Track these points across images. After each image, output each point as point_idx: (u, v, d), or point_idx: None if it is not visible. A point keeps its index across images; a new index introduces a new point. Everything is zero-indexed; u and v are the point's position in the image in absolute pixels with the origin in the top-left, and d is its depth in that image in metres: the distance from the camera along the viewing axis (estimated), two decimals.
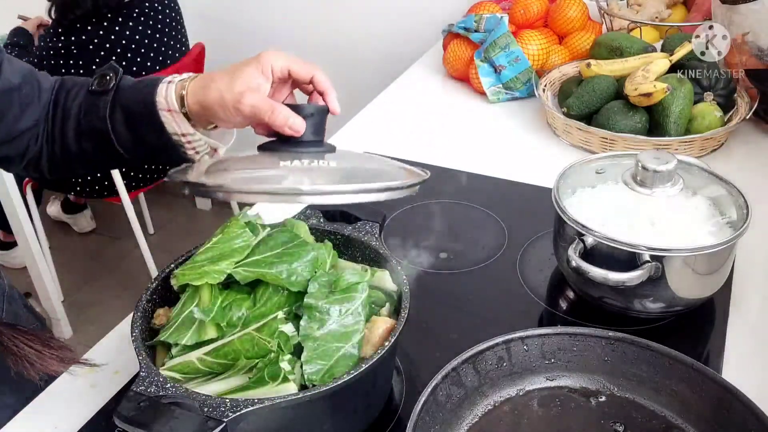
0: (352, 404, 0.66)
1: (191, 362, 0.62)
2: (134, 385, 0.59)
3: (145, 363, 0.61)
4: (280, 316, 0.63)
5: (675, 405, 0.66)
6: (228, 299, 0.66)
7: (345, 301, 0.66)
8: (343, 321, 0.65)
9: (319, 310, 0.65)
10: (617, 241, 0.76)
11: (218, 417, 0.56)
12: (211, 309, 0.65)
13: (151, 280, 0.72)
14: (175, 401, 0.57)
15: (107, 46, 1.88)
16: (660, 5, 1.55)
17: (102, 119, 0.76)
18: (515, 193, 1.11)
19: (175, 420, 0.55)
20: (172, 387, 0.59)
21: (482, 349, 0.67)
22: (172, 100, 0.74)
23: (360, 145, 1.25)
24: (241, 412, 0.56)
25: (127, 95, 0.76)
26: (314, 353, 0.62)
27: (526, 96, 1.42)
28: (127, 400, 0.57)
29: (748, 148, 1.20)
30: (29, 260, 2.18)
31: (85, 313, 2.39)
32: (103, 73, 0.77)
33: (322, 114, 0.70)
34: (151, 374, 0.60)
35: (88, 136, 0.78)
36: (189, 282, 0.65)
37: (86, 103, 0.77)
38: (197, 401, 0.57)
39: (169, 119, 0.74)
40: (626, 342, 0.68)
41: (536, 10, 1.49)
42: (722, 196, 0.83)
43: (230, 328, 0.64)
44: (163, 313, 0.68)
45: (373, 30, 2.26)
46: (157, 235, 2.75)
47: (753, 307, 0.86)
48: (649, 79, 1.16)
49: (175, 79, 0.76)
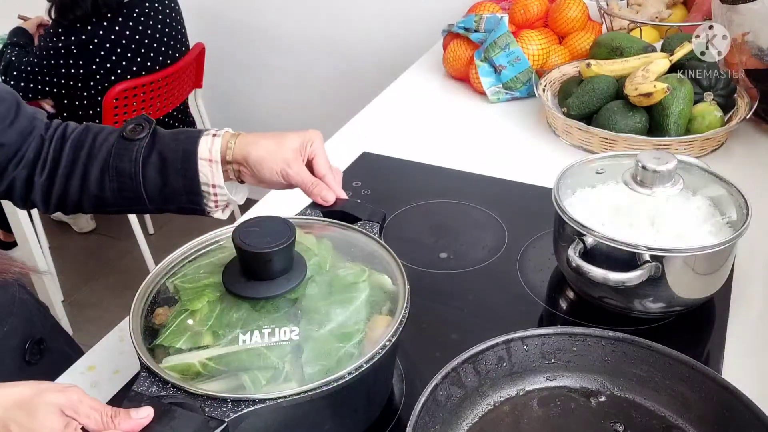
0: (353, 404, 0.66)
1: (193, 365, 0.61)
2: (135, 385, 0.59)
3: (145, 363, 0.61)
4: (294, 338, 0.62)
5: (675, 405, 0.66)
6: (225, 300, 0.66)
7: (345, 301, 0.65)
8: (343, 321, 0.64)
9: (319, 311, 0.65)
10: (617, 241, 0.76)
11: (220, 417, 0.56)
12: (210, 316, 0.64)
13: (145, 282, 0.71)
14: (176, 401, 0.57)
15: (107, 46, 1.89)
16: (660, 5, 1.55)
17: (133, 162, 0.80)
18: (515, 193, 1.11)
19: (176, 420, 0.55)
20: (172, 387, 0.58)
21: (482, 349, 0.67)
22: (216, 151, 0.80)
23: (360, 145, 1.25)
24: (242, 411, 0.56)
25: (165, 142, 0.81)
26: (314, 353, 0.62)
27: (526, 96, 1.42)
28: (128, 400, 0.57)
29: (748, 148, 1.20)
30: (29, 260, 2.18)
31: (85, 313, 2.39)
32: (138, 123, 0.82)
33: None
34: (152, 374, 0.59)
35: (114, 177, 0.81)
36: (188, 307, 0.65)
37: (118, 147, 0.81)
38: (198, 401, 0.57)
39: (206, 169, 0.80)
40: (626, 342, 0.68)
41: (536, 10, 1.49)
42: (722, 196, 0.83)
43: (230, 329, 0.63)
44: (163, 312, 0.68)
45: (373, 30, 2.26)
46: (157, 235, 2.75)
47: (753, 307, 0.86)
48: (649, 79, 1.16)
49: (219, 132, 0.82)
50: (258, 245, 0.63)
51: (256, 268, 0.65)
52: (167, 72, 2.04)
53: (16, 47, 2.03)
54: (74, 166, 0.82)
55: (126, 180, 0.81)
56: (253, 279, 0.65)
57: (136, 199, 0.82)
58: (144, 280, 0.70)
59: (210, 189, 0.81)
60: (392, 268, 0.72)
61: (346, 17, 2.29)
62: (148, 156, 0.80)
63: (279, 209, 0.84)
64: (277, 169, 0.80)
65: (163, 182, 0.81)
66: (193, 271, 0.71)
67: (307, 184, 0.80)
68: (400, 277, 0.70)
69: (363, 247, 0.75)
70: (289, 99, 2.55)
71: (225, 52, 2.54)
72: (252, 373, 0.61)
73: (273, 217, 0.68)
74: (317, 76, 2.43)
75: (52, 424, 0.52)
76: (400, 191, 1.11)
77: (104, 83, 1.93)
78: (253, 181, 0.83)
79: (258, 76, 2.57)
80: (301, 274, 0.66)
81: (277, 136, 0.81)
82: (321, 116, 2.46)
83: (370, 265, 0.72)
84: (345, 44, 2.33)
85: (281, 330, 0.63)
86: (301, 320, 0.64)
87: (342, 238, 0.77)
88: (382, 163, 1.21)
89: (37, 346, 0.83)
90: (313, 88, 2.46)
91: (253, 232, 0.65)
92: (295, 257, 0.67)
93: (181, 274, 0.71)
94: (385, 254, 0.73)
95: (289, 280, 0.65)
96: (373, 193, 1.09)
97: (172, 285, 0.70)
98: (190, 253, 0.74)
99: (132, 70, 1.96)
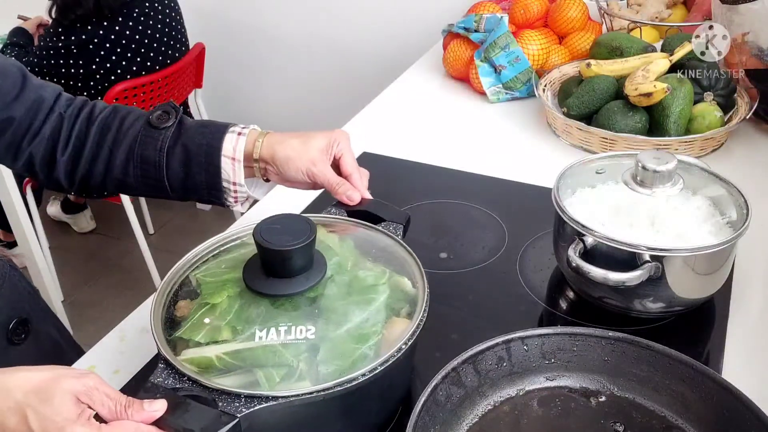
0: (367, 406, 0.66)
1: (209, 358, 0.62)
2: (152, 376, 0.59)
3: (164, 355, 0.61)
4: (310, 337, 0.63)
5: (675, 405, 0.66)
6: (245, 296, 0.66)
7: (364, 302, 0.65)
8: (360, 322, 0.64)
9: (337, 310, 0.65)
10: (617, 241, 0.76)
11: (232, 412, 0.56)
12: (229, 311, 0.64)
13: (162, 277, 0.72)
14: (191, 394, 0.57)
15: (107, 46, 1.89)
16: (660, 5, 1.55)
17: (158, 151, 0.81)
18: (515, 193, 1.10)
19: (189, 413, 0.55)
20: (188, 380, 0.59)
21: (482, 349, 0.67)
22: (240, 150, 0.81)
23: (360, 145, 1.25)
24: (254, 408, 0.56)
25: (190, 134, 0.82)
26: (330, 353, 0.62)
27: (526, 96, 1.42)
28: (144, 391, 0.58)
29: (748, 148, 1.20)
30: (29, 260, 2.18)
31: (85, 312, 2.39)
32: (165, 110, 0.83)
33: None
34: (169, 366, 0.60)
35: (138, 164, 0.82)
36: (208, 301, 0.66)
37: (144, 134, 0.82)
38: (213, 395, 0.57)
39: (228, 166, 0.81)
40: (626, 342, 0.68)
41: (536, 10, 1.49)
42: (722, 196, 0.83)
43: (248, 325, 0.63)
44: (185, 305, 0.68)
45: (373, 30, 2.26)
46: (157, 235, 2.75)
47: (753, 307, 0.86)
48: (649, 79, 1.16)
49: (245, 130, 0.82)
50: (278, 243, 0.64)
51: (275, 266, 0.65)
52: (167, 72, 2.04)
53: (15, 47, 2.03)
54: (100, 149, 0.83)
55: (150, 168, 0.82)
56: (273, 276, 0.66)
57: (159, 187, 0.83)
58: (144, 279, 0.71)
59: (231, 186, 0.82)
60: (413, 270, 0.71)
61: (345, 17, 2.29)
62: (174, 146, 0.81)
63: (284, 206, 0.84)
64: (303, 168, 0.80)
65: (185, 174, 0.82)
66: (215, 265, 0.72)
67: (333, 183, 0.81)
68: (420, 280, 0.70)
69: (385, 248, 0.75)
70: (289, 99, 2.55)
71: (225, 52, 2.54)
72: (267, 370, 0.61)
73: (294, 215, 0.69)
74: (317, 76, 2.43)
75: (67, 412, 0.53)
76: (400, 191, 1.11)
77: (104, 83, 1.93)
78: (278, 179, 0.84)
79: (258, 76, 2.57)
80: (320, 273, 0.67)
81: (303, 136, 0.82)
82: (321, 116, 2.46)
83: (391, 267, 0.72)
84: (345, 44, 2.33)
85: (298, 328, 0.63)
86: (319, 319, 0.64)
87: (365, 239, 0.76)
88: (382, 162, 1.21)
89: (22, 327, 0.82)
90: (313, 88, 2.46)
91: (274, 229, 0.66)
92: (315, 256, 0.68)
93: (204, 268, 0.72)
94: (407, 257, 0.73)
95: (308, 278, 0.66)
96: (373, 193, 1.08)
97: (195, 278, 0.70)
98: (213, 249, 0.75)
99: (132, 70, 1.96)
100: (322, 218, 0.78)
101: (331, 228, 0.77)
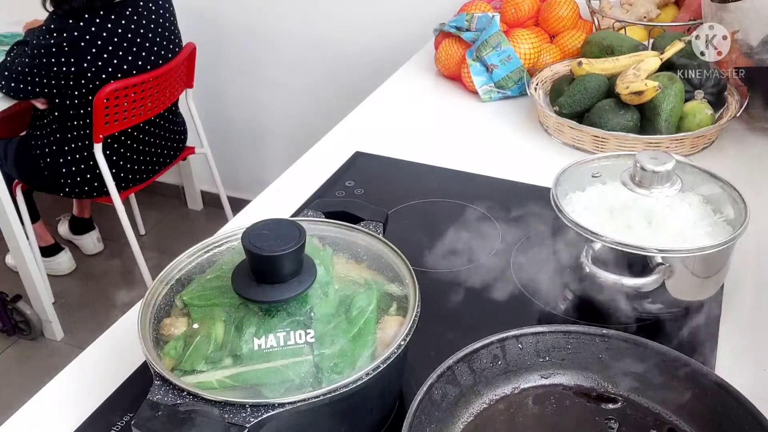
0: (369, 404, 0.66)
1: (210, 383, 0.60)
2: (150, 393, 0.57)
3: (159, 373, 0.59)
4: (309, 340, 0.62)
5: (669, 402, 0.66)
6: (239, 312, 0.65)
7: (355, 322, 0.65)
8: (354, 338, 0.64)
9: (330, 313, 0.65)
10: (629, 245, 0.75)
11: (240, 423, 0.55)
12: (226, 340, 0.63)
13: (151, 287, 0.70)
14: (193, 409, 0.56)
15: (98, 43, 1.87)
16: (650, 5, 1.55)
17: None
18: (508, 192, 1.11)
19: (197, 428, 0.54)
20: (188, 395, 0.57)
21: (477, 348, 0.67)
22: None
23: (352, 144, 1.25)
24: (262, 417, 0.55)
25: None
26: (331, 354, 0.62)
27: (518, 95, 1.42)
28: (145, 409, 0.56)
29: (738, 146, 1.21)
30: (19, 262, 2.17)
31: (76, 314, 2.38)
32: None
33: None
34: (166, 383, 0.58)
35: None
36: (202, 333, 0.64)
37: None
38: (216, 408, 0.56)
39: None
40: (620, 339, 0.68)
41: (527, 8, 1.50)
42: (719, 194, 0.83)
43: (245, 344, 0.62)
44: (170, 323, 0.66)
45: (365, 29, 2.26)
46: (149, 236, 2.74)
47: (745, 305, 0.87)
48: (640, 78, 1.16)
49: None
50: (270, 248, 0.63)
51: (268, 272, 0.64)
52: (159, 72, 2.03)
53: (22, 45, 2.01)
54: None
55: None
56: (264, 282, 0.64)
57: None
58: (136, 280, 0.70)
59: None
60: (400, 267, 0.71)
61: (337, 17, 2.29)
62: None
63: (272, 210, 0.84)
64: None
65: None
66: (200, 287, 0.69)
67: None
68: (409, 276, 0.70)
69: (368, 248, 0.75)
70: (281, 98, 2.54)
71: (216, 52, 2.53)
72: (270, 387, 0.60)
73: (280, 219, 0.68)
74: (309, 76, 2.42)
75: None
76: (393, 190, 1.11)
77: (95, 81, 1.92)
78: None
79: (249, 76, 2.56)
80: (311, 276, 0.66)
81: None
82: (313, 115, 2.46)
83: (376, 265, 0.72)
84: (336, 44, 2.32)
85: (297, 333, 0.62)
86: (314, 322, 0.64)
87: (346, 239, 0.76)
88: (375, 162, 1.21)
89: None
90: (304, 88, 2.45)
91: (262, 235, 0.64)
92: (305, 259, 0.67)
93: (190, 288, 0.69)
94: (392, 254, 0.73)
95: (300, 282, 0.65)
96: (366, 193, 1.09)
97: (180, 300, 0.69)
98: (192, 260, 0.73)
99: (123, 69, 1.95)
100: (300, 221, 0.77)
101: (310, 231, 0.76)
